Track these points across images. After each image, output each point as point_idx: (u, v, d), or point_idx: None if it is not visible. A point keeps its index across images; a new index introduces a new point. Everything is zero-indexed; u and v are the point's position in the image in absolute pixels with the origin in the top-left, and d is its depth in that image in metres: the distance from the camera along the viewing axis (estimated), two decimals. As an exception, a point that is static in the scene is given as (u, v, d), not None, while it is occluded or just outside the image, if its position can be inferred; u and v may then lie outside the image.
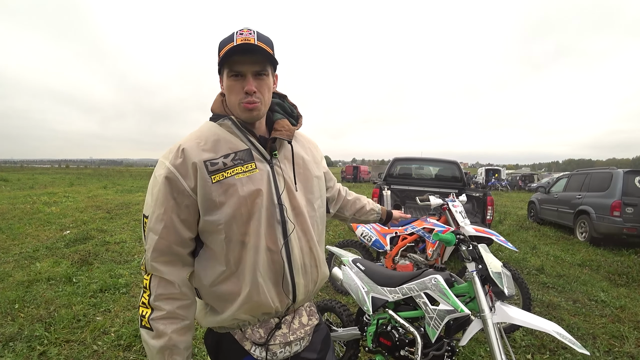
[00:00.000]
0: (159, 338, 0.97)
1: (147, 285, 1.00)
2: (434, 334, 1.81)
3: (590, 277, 5.23)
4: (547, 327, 1.66)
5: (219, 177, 1.01)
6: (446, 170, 6.45)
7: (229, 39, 1.03)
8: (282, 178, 1.11)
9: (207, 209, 1.01)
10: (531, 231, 9.07)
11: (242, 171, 1.04)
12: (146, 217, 1.03)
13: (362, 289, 2.18)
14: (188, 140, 1.05)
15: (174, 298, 1.01)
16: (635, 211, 7.10)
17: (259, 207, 1.04)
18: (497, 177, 29.82)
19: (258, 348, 1.09)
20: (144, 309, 1.00)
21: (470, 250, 1.88)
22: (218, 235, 1.03)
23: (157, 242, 1.00)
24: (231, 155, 1.04)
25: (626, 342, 3.27)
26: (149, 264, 1.00)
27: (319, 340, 1.25)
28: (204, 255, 1.07)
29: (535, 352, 3.02)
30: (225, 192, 1.01)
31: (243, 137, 1.08)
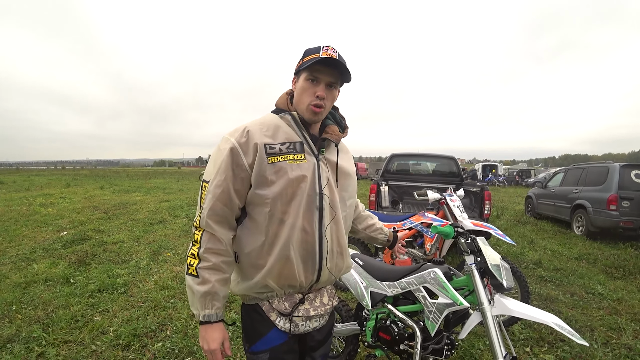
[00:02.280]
0: (204, 284, 1.13)
1: (198, 239, 1.16)
2: (433, 328, 1.81)
3: (588, 271, 5.26)
4: (545, 319, 1.66)
5: (274, 160, 1.16)
6: (443, 166, 6.46)
7: (315, 50, 1.19)
8: (325, 173, 1.26)
9: (259, 184, 1.17)
10: (528, 226, 9.10)
11: (293, 159, 1.19)
12: (206, 182, 1.18)
13: (361, 283, 2.18)
14: (253, 124, 1.21)
15: (220, 253, 1.16)
16: (632, 205, 7.14)
17: (302, 190, 1.19)
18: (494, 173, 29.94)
19: (283, 319, 1.24)
20: (192, 259, 1.15)
21: (469, 243, 1.88)
22: (264, 208, 1.17)
23: (214, 203, 1.15)
24: (287, 144, 1.20)
25: (623, 333, 3.29)
26: (204, 220, 1.15)
27: (328, 326, 1.42)
28: (248, 224, 1.21)
29: (534, 344, 3.03)
30: (277, 173, 1.16)
31: (299, 132, 1.24)
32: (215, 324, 1.16)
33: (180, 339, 2.94)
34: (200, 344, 1.17)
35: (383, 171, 6.43)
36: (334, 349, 2.69)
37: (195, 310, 1.16)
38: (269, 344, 1.23)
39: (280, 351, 1.24)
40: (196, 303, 1.14)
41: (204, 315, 1.14)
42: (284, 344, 1.25)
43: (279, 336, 1.24)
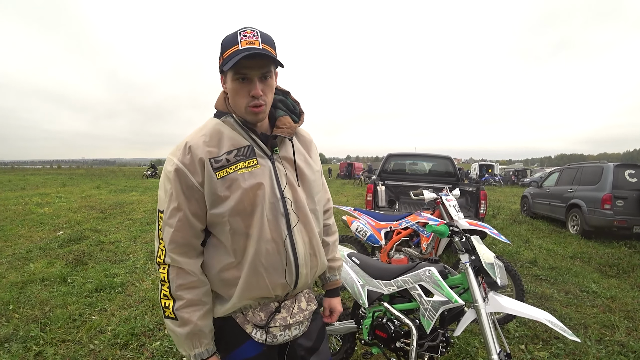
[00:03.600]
0: (185, 326, 1.05)
1: (165, 277, 1.06)
2: (428, 325, 1.84)
3: (582, 269, 5.31)
4: (539, 316, 1.69)
5: (223, 173, 1.06)
6: (440, 166, 6.51)
7: (232, 41, 1.03)
8: (283, 173, 1.15)
9: (212, 203, 1.07)
10: (524, 225, 9.17)
11: (245, 167, 1.08)
12: (161, 212, 1.08)
13: (358, 282, 2.20)
14: (193, 137, 1.09)
15: (193, 286, 1.07)
16: (626, 204, 7.21)
17: (261, 199, 1.08)
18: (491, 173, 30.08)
19: (259, 331, 1.15)
20: (166, 301, 1.06)
21: (464, 242, 1.91)
22: (224, 227, 1.07)
23: (173, 235, 1.05)
24: (234, 152, 1.09)
25: (617, 331, 3.34)
26: (167, 256, 1.06)
27: (316, 330, 1.31)
28: (211, 244, 1.13)
29: (528, 342, 3.07)
30: (229, 187, 1.06)
31: (245, 134, 1.12)
32: (210, 358, 1.10)
33: None
34: None
35: (380, 171, 6.47)
36: (330, 348, 2.72)
37: (184, 352, 1.08)
38: (244, 355, 1.15)
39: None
40: (183, 345, 1.07)
41: (194, 354, 1.08)
42: (260, 355, 1.17)
43: (254, 348, 1.16)
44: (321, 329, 1.34)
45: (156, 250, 1.10)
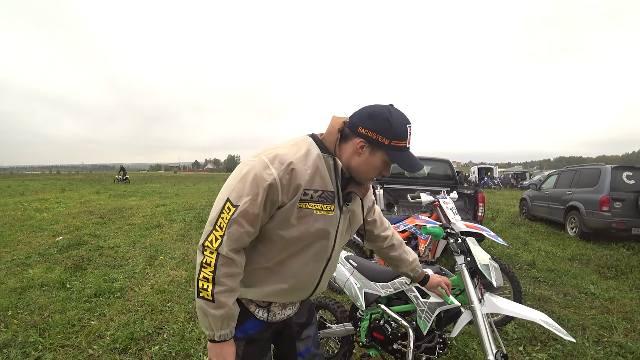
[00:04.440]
0: (221, 308, 1.11)
1: (212, 262, 1.10)
2: (425, 327, 1.85)
3: (580, 271, 5.32)
4: (534, 317, 1.71)
5: (303, 205, 1.14)
6: (438, 169, 6.53)
7: (403, 132, 1.14)
8: (343, 225, 1.28)
9: (279, 222, 1.14)
10: (523, 227, 9.18)
11: (321, 209, 1.17)
12: (233, 206, 1.10)
13: (355, 284, 2.21)
14: (297, 160, 1.13)
15: (236, 276, 1.14)
16: (624, 206, 7.23)
17: (318, 242, 1.22)
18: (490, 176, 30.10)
19: (261, 310, 1.29)
20: (205, 283, 1.11)
21: (459, 243, 1.93)
22: (277, 243, 1.18)
23: (239, 235, 1.10)
24: (320, 192, 1.16)
25: (615, 332, 3.34)
26: (224, 249, 1.09)
27: (306, 308, 1.49)
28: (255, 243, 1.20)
29: (526, 343, 3.08)
30: (300, 219, 1.15)
31: (334, 181, 1.20)
32: (230, 340, 1.18)
33: (177, 342, 2.95)
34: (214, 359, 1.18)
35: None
36: (329, 350, 2.72)
37: (209, 331, 1.15)
38: (247, 331, 1.28)
39: (257, 338, 1.31)
40: (211, 325, 1.13)
41: (220, 335, 1.15)
42: (261, 331, 1.31)
43: (256, 324, 1.29)
44: (310, 307, 1.53)
45: (208, 233, 1.11)
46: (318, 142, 1.20)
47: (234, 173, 1.17)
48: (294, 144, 1.18)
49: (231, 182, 1.14)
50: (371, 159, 1.17)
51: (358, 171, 1.21)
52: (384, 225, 1.60)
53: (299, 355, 1.44)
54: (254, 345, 1.30)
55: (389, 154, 1.15)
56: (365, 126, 1.14)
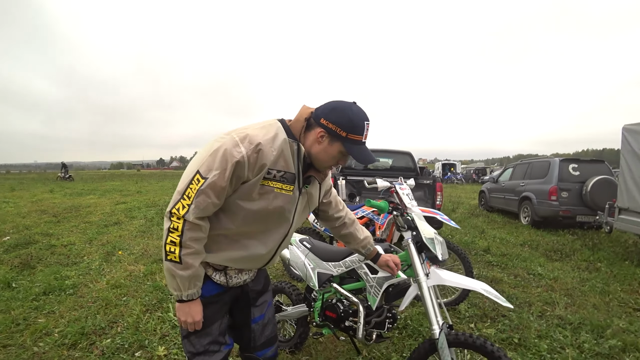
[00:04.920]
0: (188, 269, 1.22)
1: (178, 227, 1.19)
2: (374, 302, 1.91)
3: (530, 255, 5.67)
4: (475, 286, 1.80)
5: (265, 183, 1.26)
6: (400, 161, 6.70)
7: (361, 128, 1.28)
8: (301, 203, 1.42)
9: (242, 195, 1.25)
10: (481, 217, 9.62)
11: (282, 188, 1.29)
12: (202, 178, 1.19)
13: (309, 265, 2.25)
14: (265, 142, 1.23)
15: (201, 240, 1.24)
16: (570, 195, 7.76)
17: (276, 218, 1.35)
18: (453, 171, 31.25)
19: (218, 273, 1.37)
20: (172, 247, 1.20)
21: (406, 219, 2.00)
22: (239, 212, 1.27)
23: (206, 205, 1.20)
24: (282, 173, 1.28)
25: (557, 307, 3.60)
26: (190, 215, 1.18)
27: (262, 276, 1.60)
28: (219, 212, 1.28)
29: (477, 321, 3.25)
30: (261, 195, 1.27)
31: (296, 164, 1.32)
32: (197, 299, 1.29)
33: (132, 334, 2.87)
34: (183, 318, 1.29)
35: (342, 167, 6.57)
36: (285, 334, 2.74)
37: (177, 292, 1.24)
38: (204, 294, 1.34)
39: (214, 301, 1.38)
40: (179, 285, 1.23)
41: (187, 294, 1.25)
42: (219, 294, 1.39)
43: (213, 288, 1.37)
44: (266, 276, 1.64)
45: (176, 202, 1.20)
46: (286, 127, 1.31)
47: (205, 147, 1.25)
48: (263, 127, 1.28)
49: (202, 155, 1.23)
50: (329, 148, 1.30)
51: (317, 158, 1.33)
52: (337, 207, 1.74)
53: (253, 322, 1.54)
54: (210, 307, 1.37)
55: (345, 146, 1.28)
56: (327, 118, 1.26)
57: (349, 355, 2.60)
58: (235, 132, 1.24)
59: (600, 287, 4.21)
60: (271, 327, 1.60)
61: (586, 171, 7.92)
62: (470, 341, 1.67)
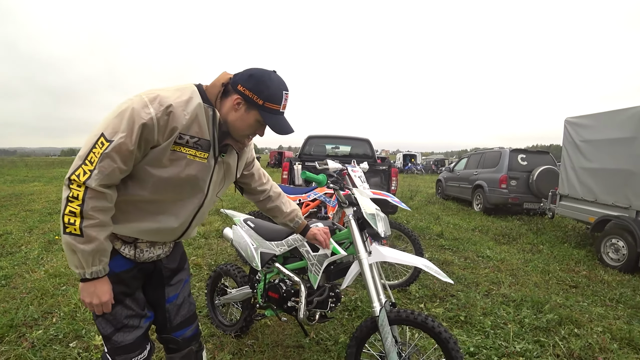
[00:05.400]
0: (91, 242, 1.09)
1: (79, 196, 1.07)
2: (315, 280, 1.83)
3: (480, 239, 5.90)
4: (416, 262, 1.77)
5: (177, 148, 1.17)
6: (358, 148, 6.69)
7: (278, 97, 1.23)
8: (217, 173, 1.34)
9: (151, 161, 1.16)
10: (437, 205, 9.94)
11: (195, 155, 1.22)
12: (107, 141, 1.08)
13: (251, 245, 2.13)
14: (177, 104, 1.14)
15: (106, 210, 1.12)
16: (518, 184, 8.16)
17: (189, 188, 1.27)
18: (414, 162, 32.16)
19: (127, 246, 1.27)
20: (71, 218, 1.07)
21: (347, 195, 1.92)
22: (149, 179, 1.18)
23: (112, 170, 1.09)
24: (196, 139, 1.20)
25: (502, 286, 3.74)
26: (93, 181, 1.07)
27: (178, 253, 1.50)
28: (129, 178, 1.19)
29: (427, 301, 3.29)
30: (173, 161, 1.18)
31: (211, 130, 1.24)
32: (104, 278, 1.17)
33: (67, 324, 2.64)
34: (88, 300, 1.16)
35: (300, 153, 6.47)
36: (232, 318, 2.63)
37: (79, 269, 1.12)
38: (112, 270, 1.23)
39: (124, 278, 1.27)
40: (80, 262, 1.11)
41: (91, 272, 1.13)
42: (129, 270, 1.29)
43: (122, 263, 1.27)
44: (183, 253, 1.54)
45: (76, 167, 1.08)
46: (202, 92, 1.23)
47: (112, 109, 1.15)
48: (177, 89, 1.19)
49: (107, 117, 1.12)
50: (246, 116, 1.24)
51: (234, 127, 1.26)
52: (261, 180, 1.66)
53: (167, 302, 1.44)
54: (120, 285, 1.26)
55: (262, 114, 1.23)
56: (244, 85, 1.20)
57: (296, 337, 2.53)
58: (145, 93, 1.15)
59: (541, 267, 4.45)
60: (187, 306, 1.51)
61: (533, 161, 8.36)
62: (411, 318, 1.65)
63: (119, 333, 1.27)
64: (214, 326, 2.60)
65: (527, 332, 2.75)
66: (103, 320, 1.26)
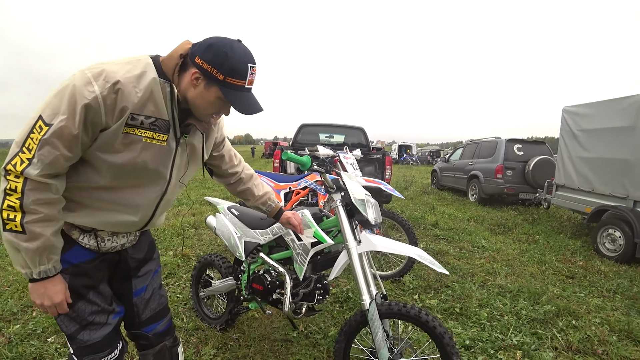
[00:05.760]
0: (35, 240, 0.98)
1: (17, 188, 0.95)
2: (300, 271, 1.70)
3: (476, 229, 5.81)
4: (409, 252, 1.64)
5: (130, 130, 1.03)
6: (352, 137, 6.54)
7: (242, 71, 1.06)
8: (180, 156, 1.20)
9: (101, 146, 1.02)
10: (432, 195, 9.84)
11: (153, 137, 1.08)
12: (46, 125, 0.95)
13: (235, 234, 2.00)
14: (125, 78, 0.99)
15: (52, 202, 1.00)
16: (514, 174, 8.07)
17: (149, 174, 1.13)
18: (409, 153, 32.06)
19: (86, 236, 1.14)
20: (11, 213, 0.95)
21: (334, 179, 1.77)
22: (102, 166, 1.05)
23: (54, 158, 0.96)
24: (152, 119, 1.06)
25: (498, 276, 3.65)
26: (33, 173, 0.94)
27: (146, 242, 1.36)
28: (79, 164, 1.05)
29: (421, 292, 3.19)
30: (127, 145, 1.04)
31: (170, 109, 1.10)
32: (55, 277, 1.06)
33: (47, 318, 2.52)
34: (38, 301, 1.05)
35: (293, 142, 6.31)
36: (218, 310, 2.50)
37: (25, 269, 1.01)
38: (70, 261, 1.12)
39: (85, 269, 1.15)
40: (26, 261, 0.99)
41: (39, 272, 1.02)
42: (91, 261, 1.16)
43: (82, 254, 1.15)
44: (151, 242, 1.40)
45: (12, 156, 0.95)
46: (157, 65, 1.07)
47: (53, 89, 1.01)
48: (128, 62, 1.04)
49: (47, 98, 0.99)
50: (206, 93, 1.08)
51: (194, 105, 1.12)
52: (232, 162, 1.53)
53: (134, 295, 1.32)
54: (81, 277, 1.14)
55: (223, 91, 1.07)
56: (203, 57, 1.04)
57: (284, 331, 2.42)
58: (89, 67, 0.99)
59: (537, 257, 4.36)
60: (157, 299, 1.39)
61: (529, 151, 8.26)
62: (404, 311, 1.53)
63: (85, 331, 1.15)
64: (200, 319, 2.48)
65: (524, 324, 2.66)
66: (66, 318, 1.14)
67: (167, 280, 3.26)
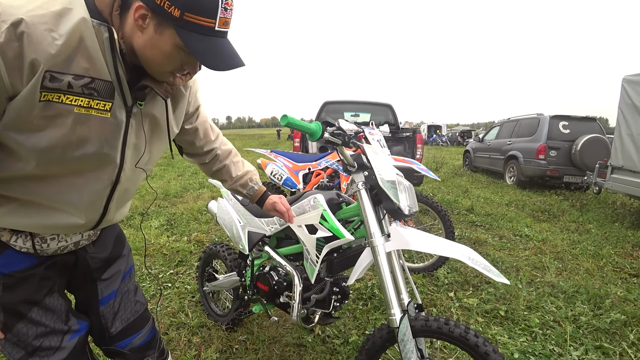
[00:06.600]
0: None
1: None
2: (312, 272, 1.34)
3: (516, 215, 5.25)
4: (456, 253, 1.23)
5: (52, 97, 0.71)
6: (379, 115, 6.05)
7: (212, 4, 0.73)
8: (134, 133, 0.88)
9: (13, 123, 0.72)
10: (465, 177, 9.21)
11: (90, 106, 0.76)
12: None
13: (238, 223, 1.67)
14: (34, 15, 0.66)
15: None
16: (558, 154, 7.31)
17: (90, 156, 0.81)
18: (439, 133, 30.83)
19: (21, 237, 0.87)
20: None
21: (356, 155, 1.35)
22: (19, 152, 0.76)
23: None
24: (85, 80, 0.74)
25: (547, 272, 3.17)
26: None
27: (111, 236, 1.09)
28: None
29: (458, 288, 2.79)
30: (50, 119, 0.73)
31: (112, 65, 0.77)
32: None
33: None
34: None
35: (316, 118, 5.91)
36: (224, 307, 2.22)
37: None
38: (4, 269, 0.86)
39: (22, 278, 0.88)
40: None
41: None
42: (29, 269, 0.89)
43: (16, 259, 0.87)
44: (118, 235, 1.12)
45: None
46: (90, 2, 0.74)
47: None
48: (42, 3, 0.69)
49: None
50: (158, 39, 0.76)
51: (145, 58, 0.80)
52: (208, 137, 1.21)
53: (100, 304, 1.06)
54: (16, 291, 0.87)
55: (180, 34, 0.74)
56: None
57: (298, 333, 2.10)
58: None
59: (592, 250, 3.81)
60: (131, 306, 1.11)
61: (577, 129, 7.43)
62: (445, 330, 1.15)
63: (33, 359, 0.90)
64: (206, 314, 2.21)
65: (585, 335, 2.21)
66: (7, 344, 0.89)
67: (177, 268, 3.02)
